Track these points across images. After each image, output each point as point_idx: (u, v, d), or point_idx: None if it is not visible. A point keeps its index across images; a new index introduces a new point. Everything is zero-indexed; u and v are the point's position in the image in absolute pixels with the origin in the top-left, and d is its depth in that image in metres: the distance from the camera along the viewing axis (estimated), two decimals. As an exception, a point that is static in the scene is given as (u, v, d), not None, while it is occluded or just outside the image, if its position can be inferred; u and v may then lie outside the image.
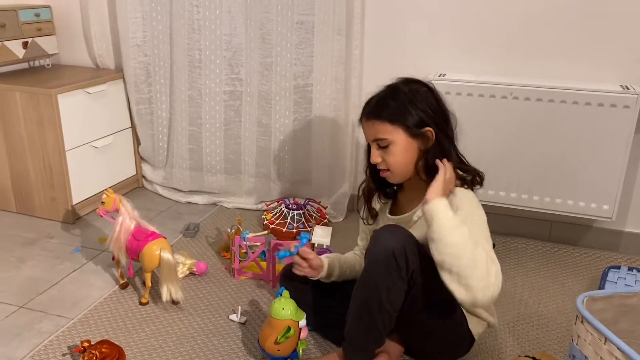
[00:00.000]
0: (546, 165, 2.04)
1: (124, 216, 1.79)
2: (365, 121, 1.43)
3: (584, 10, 1.98)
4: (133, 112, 2.60)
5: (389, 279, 1.29)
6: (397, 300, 1.32)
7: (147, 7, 2.44)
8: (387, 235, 1.32)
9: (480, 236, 1.29)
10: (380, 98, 1.42)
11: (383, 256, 1.28)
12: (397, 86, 1.42)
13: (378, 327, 1.34)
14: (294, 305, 1.44)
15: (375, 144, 1.42)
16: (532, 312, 1.81)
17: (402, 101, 1.37)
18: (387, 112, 1.38)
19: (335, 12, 2.20)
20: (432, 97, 1.40)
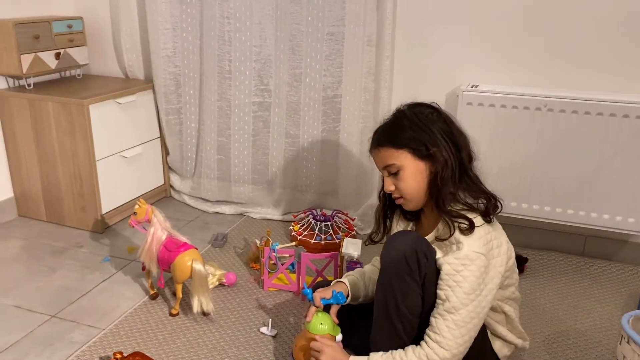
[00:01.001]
0: (581, 178, 2.00)
1: (155, 227, 1.80)
2: (373, 150, 1.41)
3: (621, 20, 1.95)
4: (162, 122, 2.62)
5: (402, 282, 1.30)
6: (414, 304, 1.31)
7: (177, 19, 2.46)
8: (398, 239, 1.33)
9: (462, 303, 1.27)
10: (385, 125, 1.39)
11: (394, 260, 1.30)
12: (401, 110, 1.39)
13: (399, 334, 1.34)
14: (331, 320, 1.42)
15: (385, 171, 1.38)
16: (568, 329, 1.76)
17: (405, 124, 1.34)
18: (391, 137, 1.35)
19: (365, 24, 2.19)
20: (439, 118, 1.35)
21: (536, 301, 1.91)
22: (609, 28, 1.97)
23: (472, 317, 1.28)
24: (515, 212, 2.13)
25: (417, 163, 1.33)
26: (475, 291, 1.27)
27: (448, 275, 1.27)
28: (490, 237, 1.31)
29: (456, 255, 1.27)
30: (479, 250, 1.27)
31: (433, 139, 1.31)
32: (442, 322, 1.28)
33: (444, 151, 1.31)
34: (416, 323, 1.35)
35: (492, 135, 2.07)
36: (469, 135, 1.40)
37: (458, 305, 1.26)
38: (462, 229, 1.28)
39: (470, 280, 1.26)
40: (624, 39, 1.96)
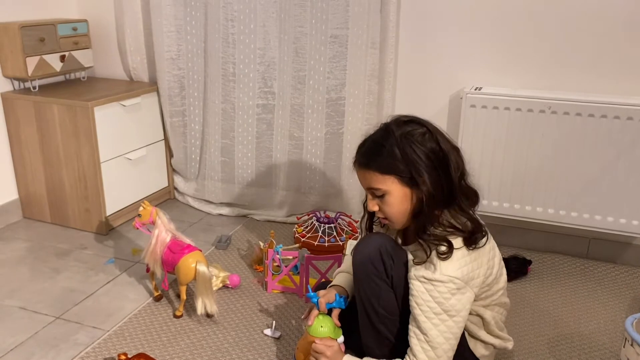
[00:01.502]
0: (585, 181, 2.00)
1: (160, 228, 1.80)
2: (358, 168, 1.33)
3: (624, 23, 1.95)
4: (167, 124, 2.63)
5: (373, 284, 1.32)
6: (390, 303, 1.33)
7: (181, 21, 2.47)
8: (363, 243, 1.36)
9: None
10: (371, 144, 1.30)
11: (361, 264, 1.33)
12: (390, 129, 1.29)
13: (384, 334, 1.35)
14: (332, 322, 1.43)
15: (370, 193, 1.33)
16: (572, 332, 1.76)
17: (393, 148, 1.25)
18: (378, 161, 1.27)
19: (369, 26, 2.19)
20: (431, 139, 1.26)
21: (540, 303, 1.91)
22: (613, 31, 1.97)
23: (447, 338, 1.26)
24: (519, 215, 2.13)
25: (404, 189, 1.27)
26: (448, 312, 1.24)
27: (418, 292, 1.26)
28: (469, 259, 1.27)
29: (427, 275, 1.24)
30: (453, 274, 1.24)
31: (421, 166, 1.24)
32: (417, 343, 1.27)
33: (432, 177, 1.25)
34: (397, 320, 1.35)
35: (496, 138, 2.07)
36: (467, 145, 1.37)
37: (427, 326, 1.25)
38: (439, 252, 1.24)
39: (440, 301, 1.24)
40: (627, 41, 1.96)
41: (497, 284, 1.40)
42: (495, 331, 1.43)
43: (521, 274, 2.06)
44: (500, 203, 2.14)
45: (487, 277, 1.33)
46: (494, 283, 1.38)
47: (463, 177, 1.31)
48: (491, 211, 2.15)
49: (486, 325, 1.41)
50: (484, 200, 2.15)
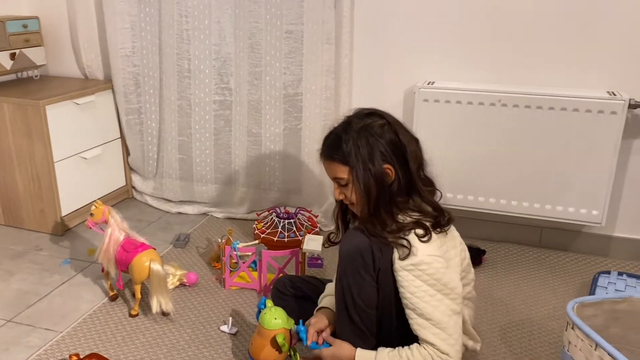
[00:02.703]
0: (535, 172, 2.05)
1: (113, 227, 1.78)
2: (323, 160, 1.41)
3: (572, 18, 2.00)
4: (122, 122, 2.59)
5: (357, 276, 1.32)
6: (369, 297, 1.33)
7: (135, 18, 2.43)
8: (354, 234, 1.35)
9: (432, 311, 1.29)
10: (333, 137, 1.37)
11: (349, 255, 1.32)
12: (351, 122, 1.36)
13: (358, 325, 1.36)
14: (284, 314, 1.44)
15: (335, 181, 1.40)
16: (523, 318, 1.81)
17: (354, 140, 1.32)
18: (341, 152, 1.34)
19: (324, 22, 2.20)
20: (389, 131, 1.34)
21: (493, 292, 1.95)
22: (560, 26, 2.02)
23: (450, 315, 1.29)
24: (473, 206, 2.17)
25: (367, 178, 1.32)
26: (442, 291, 1.28)
27: (407, 282, 1.28)
28: (443, 241, 1.34)
29: (412, 261, 1.27)
30: (435, 252, 1.29)
31: (381, 155, 1.31)
32: (425, 332, 1.29)
33: (392, 166, 1.32)
34: (373, 314, 1.36)
35: (449, 131, 2.11)
36: (421, 139, 1.40)
37: (429, 310, 1.27)
38: (418, 235, 1.29)
39: (432, 283, 1.27)
40: (573, 35, 2.02)
41: (470, 273, 1.46)
42: (470, 330, 1.47)
43: (475, 264, 2.09)
44: (454, 195, 2.18)
45: (463, 259, 1.41)
46: (470, 269, 1.45)
47: (422, 167, 1.38)
48: (444, 203, 2.14)
49: (463, 324, 1.43)
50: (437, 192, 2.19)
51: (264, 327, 1.42)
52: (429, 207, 1.36)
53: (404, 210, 1.34)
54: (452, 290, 1.30)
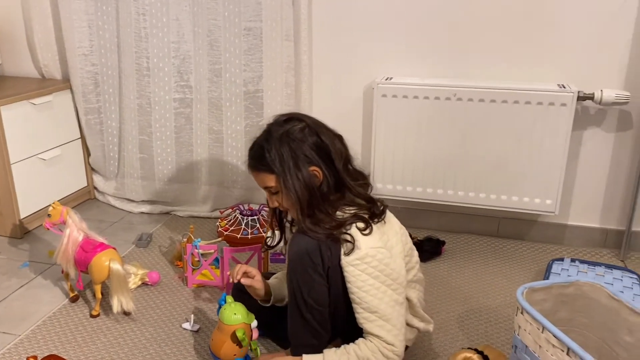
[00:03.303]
0: (491, 163, 2.11)
1: (71, 228, 1.76)
2: (250, 171, 1.42)
3: (524, 14, 2.06)
4: (82, 122, 2.56)
5: (306, 276, 1.33)
6: (320, 295, 1.35)
7: (92, 16, 2.41)
8: (300, 237, 1.35)
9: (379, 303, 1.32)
10: (257, 147, 1.39)
11: (298, 256, 1.34)
12: (271, 130, 1.38)
13: (310, 323, 1.37)
14: (244, 309, 1.45)
15: (267, 191, 1.42)
16: (481, 306, 1.86)
17: (277, 148, 1.34)
18: (265, 162, 1.35)
19: (282, 19, 2.22)
20: (311, 133, 1.36)
21: (452, 281, 2.00)
22: (512, 21, 2.07)
23: (393, 306, 1.33)
24: (432, 198, 2.22)
25: (295, 183, 1.34)
26: (386, 282, 1.32)
27: (354, 277, 1.31)
28: (383, 230, 1.38)
29: (357, 255, 1.31)
30: (376, 244, 1.32)
31: (306, 159, 1.34)
32: (372, 325, 1.32)
33: (318, 168, 1.35)
34: (326, 312, 1.38)
35: (407, 125, 2.15)
36: (381, 133, 1.44)
37: (375, 303, 1.31)
38: (360, 228, 1.32)
39: (376, 275, 1.31)
40: (525, 31, 2.07)
41: (413, 256, 1.50)
42: (420, 312, 1.51)
43: (435, 254, 2.16)
44: (414, 187, 2.22)
45: (405, 243, 1.44)
46: (413, 253, 1.48)
47: (349, 162, 1.41)
48: (406, 196, 2.24)
49: (412, 307, 1.48)
50: (399, 186, 2.23)
51: (224, 322, 1.43)
52: (361, 200, 1.39)
53: (339, 207, 1.37)
54: (395, 281, 1.34)
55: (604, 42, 2.01)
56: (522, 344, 1.33)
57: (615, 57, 2.02)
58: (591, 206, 2.22)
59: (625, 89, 2.03)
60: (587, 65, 2.05)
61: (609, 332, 1.38)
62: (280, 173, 1.34)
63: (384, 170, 2.23)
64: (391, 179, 2.24)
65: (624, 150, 2.12)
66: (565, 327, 1.45)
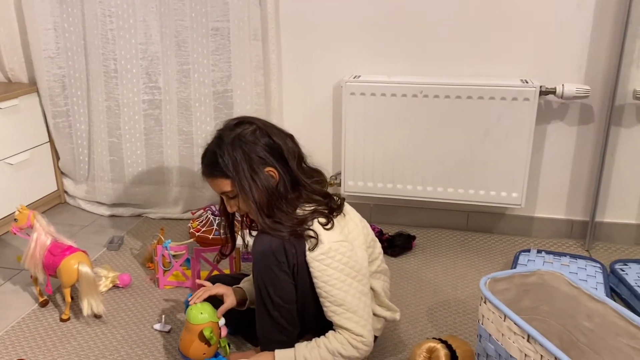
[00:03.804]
0: (458, 158, 2.14)
1: (38, 232, 1.75)
2: (206, 178, 1.43)
3: (486, 11, 2.10)
4: (50, 126, 2.53)
5: (272, 274, 1.35)
6: (286, 293, 1.37)
7: (58, 19, 2.38)
8: (264, 237, 1.37)
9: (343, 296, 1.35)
10: (210, 154, 1.40)
11: (262, 254, 1.35)
12: (222, 135, 1.39)
13: (278, 320, 1.39)
14: (210, 308, 1.46)
15: (224, 196, 1.43)
16: (450, 298, 1.89)
17: (230, 152, 1.35)
18: (219, 168, 1.37)
19: (250, 18, 2.22)
20: (262, 135, 1.37)
21: (422, 275, 2.04)
22: (476, 19, 2.11)
23: (359, 297, 1.36)
24: (402, 194, 2.25)
25: (255, 186, 1.35)
26: (350, 274, 1.35)
27: (320, 271, 1.33)
28: (343, 223, 1.40)
29: (321, 250, 1.33)
30: (338, 238, 1.35)
31: (260, 160, 1.35)
32: (339, 318, 1.35)
33: (274, 168, 1.37)
34: (293, 309, 1.40)
35: (376, 122, 2.18)
36: (350, 130, 1.45)
37: (341, 296, 1.33)
38: (322, 223, 1.35)
39: (341, 268, 1.33)
40: (489, 28, 2.11)
41: (376, 247, 1.53)
42: (385, 301, 1.53)
43: (406, 249, 2.19)
44: (384, 184, 2.25)
45: (367, 235, 1.47)
46: (375, 245, 1.51)
47: (302, 160, 1.43)
48: (376, 192, 2.26)
49: (377, 297, 1.51)
50: (369, 182, 2.26)
51: (191, 322, 1.44)
52: (318, 196, 1.41)
53: (298, 205, 1.39)
54: (359, 272, 1.36)
55: (564, 39, 2.06)
56: (486, 333, 1.36)
57: (575, 53, 2.07)
58: (557, 198, 2.27)
59: (585, 83, 2.08)
60: (548, 60, 2.10)
61: (569, 319, 1.42)
62: (235, 177, 1.35)
63: (355, 167, 2.25)
64: (362, 176, 2.26)
65: (586, 143, 2.17)
66: (529, 315, 1.49)
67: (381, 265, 1.54)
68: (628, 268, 1.94)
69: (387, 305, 1.54)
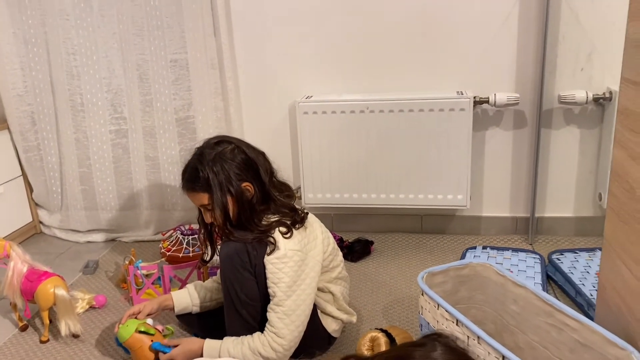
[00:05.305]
0: (407, 166, 2.32)
1: (15, 260, 1.86)
2: (186, 192, 1.59)
3: (421, 33, 2.29)
4: (22, 160, 2.66)
5: (237, 274, 1.50)
6: (251, 291, 1.52)
7: (24, 58, 2.52)
8: (229, 243, 1.53)
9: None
10: (190, 170, 1.55)
11: (228, 256, 1.51)
12: (203, 153, 1.54)
13: (245, 317, 1.54)
14: (131, 320, 1.62)
15: (203, 208, 1.58)
16: (404, 296, 2.05)
17: (210, 168, 1.50)
18: (200, 183, 1.52)
19: (206, 49, 2.39)
20: (239, 152, 1.54)
21: (379, 277, 2.19)
22: (411, 38, 2.30)
23: (298, 304, 1.50)
24: (358, 203, 2.41)
25: (231, 199, 1.52)
26: (296, 282, 1.49)
27: (272, 273, 1.49)
28: (304, 234, 1.56)
29: (277, 255, 1.49)
30: (294, 247, 1.50)
31: (237, 176, 1.51)
32: (274, 315, 1.49)
33: (249, 183, 1.53)
34: (258, 306, 1.55)
35: (330, 138, 2.35)
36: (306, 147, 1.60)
37: (283, 298, 1.48)
38: (282, 232, 1.51)
39: (290, 274, 1.48)
40: (425, 47, 2.31)
41: (337, 256, 1.68)
42: (344, 305, 1.69)
43: (365, 254, 2.35)
44: (341, 194, 2.41)
45: (328, 245, 1.62)
46: (336, 253, 1.67)
47: (273, 175, 1.60)
48: (335, 202, 2.43)
49: (337, 300, 1.66)
50: (328, 194, 2.42)
51: (126, 339, 1.59)
52: (285, 209, 1.58)
53: (264, 216, 1.55)
54: (303, 281, 1.51)
55: (493, 52, 2.26)
56: (425, 322, 1.52)
57: (505, 64, 2.27)
58: (500, 197, 2.46)
59: (516, 92, 2.28)
60: (481, 72, 2.30)
61: (500, 304, 1.59)
62: (215, 190, 1.51)
63: (313, 180, 2.41)
64: (320, 188, 2.43)
65: (522, 145, 2.37)
66: (466, 304, 1.66)
67: (342, 272, 1.70)
68: (564, 257, 2.13)
69: (345, 309, 1.70)
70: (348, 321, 1.71)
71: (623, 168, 1.28)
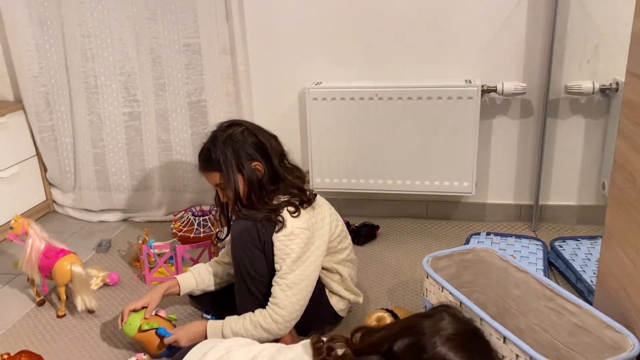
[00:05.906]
0: (414, 153, 2.36)
1: (33, 238, 1.93)
2: (202, 173, 1.68)
3: (431, 21, 2.32)
4: (37, 140, 2.71)
5: (247, 250, 1.57)
6: (260, 266, 1.59)
7: (40, 40, 2.56)
8: (239, 221, 1.60)
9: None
10: (205, 151, 1.64)
11: (238, 234, 1.58)
12: (216, 135, 1.64)
13: (254, 293, 1.61)
14: (134, 315, 1.68)
15: (218, 187, 1.67)
16: (408, 279, 2.11)
17: (222, 150, 1.60)
18: (214, 163, 1.61)
19: (219, 34, 2.42)
20: (250, 134, 1.62)
21: (385, 260, 2.25)
22: (421, 26, 2.33)
23: (302, 279, 1.56)
24: (366, 188, 2.46)
25: (243, 178, 1.60)
26: (301, 258, 1.56)
27: (279, 250, 1.55)
28: (312, 214, 1.62)
29: (284, 233, 1.55)
30: (302, 226, 1.57)
31: (248, 156, 1.60)
32: (277, 287, 1.56)
33: (259, 163, 1.61)
34: (267, 282, 1.61)
35: (339, 124, 2.39)
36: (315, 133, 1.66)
37: (287, 271, 1.55)
38: (290, 212, 1.57)
39: (297, 250, 1.54)
40: (435, 35, 2.33)
41: (346, 238, 1.74)
42: (351, 286, 1.75)
43: (371, 238, 2.40)
44: (349, 179, 2.46)
45: (336, 226, 1.68)
46: (345, 236, 1.72)
47: (284, 157, 1.67)
48: (342, 187, 2.48)
49: (344, 281, 1.73)
50: (335, 179, 2.47)
51: (131, 337, 1.68)
52: (294, 189, 1.64)
53: (274, 196, 1.62)
54: (308, 258, 1.57)
55: (502, 41, 2.29)
56: (429, 304, 1.58)
57: (513, 53, 2.30)
58: (505, 185, 2.50)
59: (523, 81, 2.31)
60: (490, 61, 2.32)
61: (502, 288, 1.64)
62: (227, 170, 1.59)
63: (321, 165, 2.46)
64: (328, 173, 2.48)
65: (528, 134, 2.40)
66: (470, 288, 1.71)
67: (350, 255, 1.76)
68: (566, 244, 2.17)
69: (352, 289, 1.76)
70: (355, 301, 1.78)
71: (626, 159, 1.32)
